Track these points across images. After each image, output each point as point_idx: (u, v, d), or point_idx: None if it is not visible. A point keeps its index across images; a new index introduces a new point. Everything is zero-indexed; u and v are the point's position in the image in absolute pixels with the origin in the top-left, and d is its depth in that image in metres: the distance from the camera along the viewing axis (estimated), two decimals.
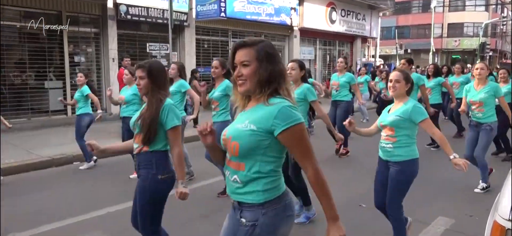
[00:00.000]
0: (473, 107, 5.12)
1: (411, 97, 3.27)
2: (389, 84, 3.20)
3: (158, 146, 2.66)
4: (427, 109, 6.31)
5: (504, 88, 6.73)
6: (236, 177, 1.74)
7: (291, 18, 15.78)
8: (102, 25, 10.85)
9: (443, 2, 36.18)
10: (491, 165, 5.48)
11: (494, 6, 40.62)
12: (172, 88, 5.51)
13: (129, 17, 10.98)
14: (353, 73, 13.19)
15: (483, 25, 30.79)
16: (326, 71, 19.18)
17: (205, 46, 13.82)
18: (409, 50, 37.36)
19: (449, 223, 4.10)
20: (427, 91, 7.37)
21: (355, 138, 3.49)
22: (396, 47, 29.26)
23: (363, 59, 21.22)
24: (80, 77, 6.41)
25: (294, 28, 16.28)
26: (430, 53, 29.98)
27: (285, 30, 16.25)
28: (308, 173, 1.70)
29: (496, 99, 5.21)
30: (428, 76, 7.77)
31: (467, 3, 39.48)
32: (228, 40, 14.34)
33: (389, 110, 3.32)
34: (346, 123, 3.27)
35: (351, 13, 18.91)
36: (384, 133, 3.27)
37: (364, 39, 21.45)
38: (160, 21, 11.55)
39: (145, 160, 2.63)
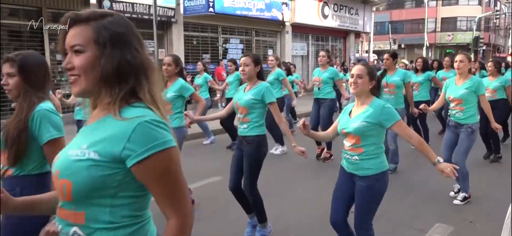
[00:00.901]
0: (452, 105, 4.49)
1: (396, 96, 2.90)
2: (350, 80, 2.70)
3: (27, 168, 1.96)
4: (411, 109, 5.86)
5: (496, 81, 6.41)
6: (77, 230, 1.11)
7: (282, 14, 15.43)
8: None
9: None
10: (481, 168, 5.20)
11: (487, 0, 40.60)
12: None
13: None
14: (347, 70, 12.90)
15: (476, 19, 30.64)
16: None
17: (194, 43, 13.41)
18: (402, 45, 37.25)
19: (447, 231, 3.80)
20: (415, 86, 6.97)
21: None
22: (390, 42, 29.05)
23: (357, 55, 20.96)
24: None
25: (286, 23, 15.92)
26: (424, 48, 29.83)
27: (277, 26, 15.89)
28: (171, 221, 1.12)
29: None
30: (416, 71, 7.40)
31: None
32: (218, 37, 13.96)
33: (350, 112, 2.78)
34: (300, 126, 2.79)
35: (344, 7, 18.60)
36: (347, 142, 2.74)
37: (358, 35, 21.17)
38: (146, 17, 11.14)
39: (9, 188, 1.68)
